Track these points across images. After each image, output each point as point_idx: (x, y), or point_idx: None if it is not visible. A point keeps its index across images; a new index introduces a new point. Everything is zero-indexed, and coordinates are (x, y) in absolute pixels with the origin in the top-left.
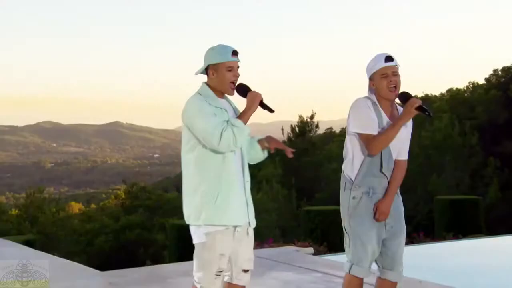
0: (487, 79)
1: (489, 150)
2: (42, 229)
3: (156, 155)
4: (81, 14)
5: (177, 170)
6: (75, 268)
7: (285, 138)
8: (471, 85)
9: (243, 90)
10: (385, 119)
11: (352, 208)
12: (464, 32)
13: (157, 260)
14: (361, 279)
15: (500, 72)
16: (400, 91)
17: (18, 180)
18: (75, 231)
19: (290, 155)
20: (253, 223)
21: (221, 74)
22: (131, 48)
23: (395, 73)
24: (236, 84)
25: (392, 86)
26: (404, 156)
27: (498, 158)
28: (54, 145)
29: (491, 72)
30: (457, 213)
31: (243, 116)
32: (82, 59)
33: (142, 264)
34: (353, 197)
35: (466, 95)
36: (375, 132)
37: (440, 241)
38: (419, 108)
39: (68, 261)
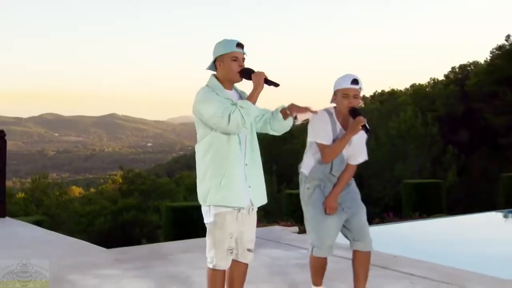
0: (446, 76)
1: (448, 139)
2: (47, 211)
3: (149, 144)
4: (80, 14)
5: (168, 157)
6: (83, 246)
7: None
8: (432, 81)
9: (247, 73)
10: (339, 129)
11: (307, 197)
12: (425, 32)
13: (152, 238)
14: (324, 258)
15: (457, 69)
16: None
17: (24, 166)
18: (77, 212)
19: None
20: (257, 204)
21: (227, 64)
22: (128, 46)
23: (356, 96)
24: (240, 69)
25: (350, 106)
26: (353, 161)
27: (455, 146)
28: (56, 135)
29: (450, 69)
30: (421, 195)
31: (251, 96)
32: (82, 56)
33: (138, 242)
34: (308, 188)
35: (427, 89)
36: (326, 142)
37: (408, 220)
38: (363, 126)
39: (76, 239)
